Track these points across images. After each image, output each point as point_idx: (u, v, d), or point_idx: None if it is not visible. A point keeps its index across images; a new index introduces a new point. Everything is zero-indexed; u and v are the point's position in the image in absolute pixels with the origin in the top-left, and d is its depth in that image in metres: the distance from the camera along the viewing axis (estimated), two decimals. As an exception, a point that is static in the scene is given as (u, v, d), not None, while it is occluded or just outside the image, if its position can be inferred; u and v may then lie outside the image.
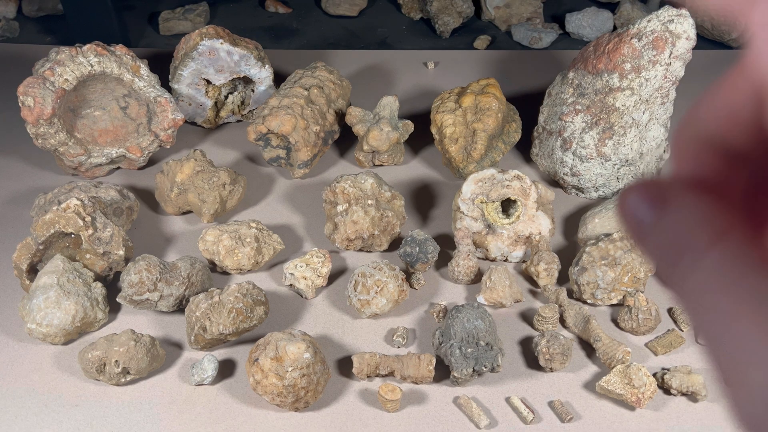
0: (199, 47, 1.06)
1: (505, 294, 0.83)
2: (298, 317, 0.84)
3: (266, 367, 0.70)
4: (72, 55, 0.96)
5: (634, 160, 0.98)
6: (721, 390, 0.17)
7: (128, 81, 1.00)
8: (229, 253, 0.86)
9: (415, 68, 1.33)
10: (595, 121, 0.96)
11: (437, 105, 1.05)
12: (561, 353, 0.75)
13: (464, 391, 0.76)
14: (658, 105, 0.94)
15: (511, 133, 1.06)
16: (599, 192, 1.01)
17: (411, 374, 0.75)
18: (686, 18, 0.88)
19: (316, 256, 0.86)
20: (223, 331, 0.76)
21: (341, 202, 0.91)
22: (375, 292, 0.80)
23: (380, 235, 0.90)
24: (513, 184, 0.87)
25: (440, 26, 1.46)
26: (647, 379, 0.73)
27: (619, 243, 0.84)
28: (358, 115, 1.05)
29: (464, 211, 0.90)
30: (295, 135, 0.99)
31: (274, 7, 1.59)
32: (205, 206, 0.94)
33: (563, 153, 0.99)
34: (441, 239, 0.94)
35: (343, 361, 0.79)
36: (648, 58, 0.89)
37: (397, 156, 1.07)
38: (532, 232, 0.89)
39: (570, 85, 0.98)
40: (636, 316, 0.80)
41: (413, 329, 0.83)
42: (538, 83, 1.26)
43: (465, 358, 0.74)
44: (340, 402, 0.75)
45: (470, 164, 1.01)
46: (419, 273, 0.88)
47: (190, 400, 0.75)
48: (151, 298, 0.80)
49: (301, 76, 1.08)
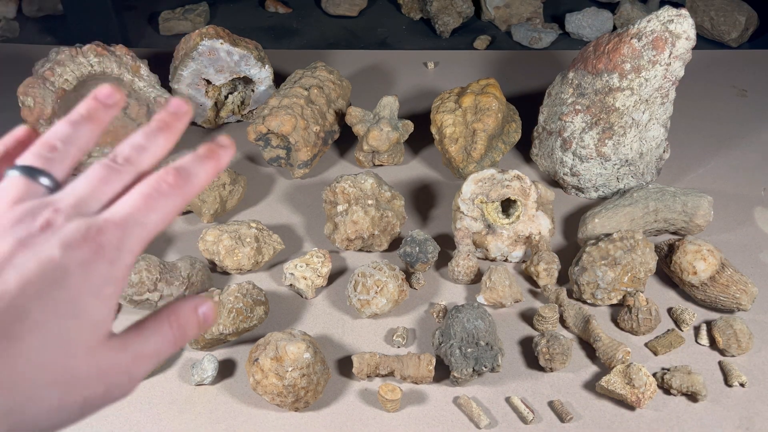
0: (199, 47, 1.06)
1: (505, 294, 0.83)
2: (298, 317, 0.84)
3: (266, 367, 0.70)
4: (72, 55, 0.96)
5: (634, 160, 0.98)
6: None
7: (128, 81, 1.00)
8: (229, 253, 0.86)
9: (415, 68, 1.33)
10: (595, 121, 0.96)
11: (437, 105, 1.05)
12: (561, 353, 0.75)
13: (464, 391, 0.76)
14: (658, 105, 0.94)
15: (511, 133, 1.06)
16: (599, 192, 1.01)
17: (411, 374, 0.75)
18: (686, 18, 0.88)
19: (316, 256, 0.86)
20: (223, 331, 0.76)
21: (341, 202, 0.91)
22: (375, 292, 0.80)
23: (380, 235, 0.90)
24: (513, 184, 0.87)
25: (440, 26, 1.46)
26: (647, 379, 0.73)
27: (619, 243, 0.84)
28: (358, 115, 1.05)
29: (464, 211, 0.90)
30: (295, 135, 0.99)
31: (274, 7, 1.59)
32: (205, 206, 0.94)
33: (563, 153, 0.99)
34: (441, 239, 0.94)
35: (343, 361, 0.79)
36: (648, 58, 0.89)
37: (397, 156, 1.07)
38: (532, 232, 0.89)
39: (570, 85, 0.98)
40: (636, 316, 0.80)
41: (413, 329, 0.83)
42: (538, 83, 1.26)
43: (465, 358, 0.74)
44: (340, 402, 0.75)
45: (470, 164, 1.01)
46: (419, 273, 0.88)
47: (190, 400, 0.75)
48: (151, 298, 0.80)
49: (301, 76, 1.08)
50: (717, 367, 0.78)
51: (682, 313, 0.83)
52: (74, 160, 0.31)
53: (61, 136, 0.31)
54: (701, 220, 0.91)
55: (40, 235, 0.27)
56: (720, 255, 0.84)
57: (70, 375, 0.27)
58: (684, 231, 0.93)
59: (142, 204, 0.29)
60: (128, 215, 0.29)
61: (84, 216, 0.29)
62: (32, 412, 0.26)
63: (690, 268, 0.83)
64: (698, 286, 0.83)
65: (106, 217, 0.29)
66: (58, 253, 0.27)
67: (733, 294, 0.82)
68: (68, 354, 0.27)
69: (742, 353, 0.79)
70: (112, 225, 0.28)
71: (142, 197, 0.29)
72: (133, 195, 0.30)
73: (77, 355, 0.27)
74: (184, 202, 0.31)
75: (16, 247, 0.27)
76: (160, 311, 0.31)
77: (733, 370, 0.77)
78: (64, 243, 0.27)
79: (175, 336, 0.31)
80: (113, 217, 0.29)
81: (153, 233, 0.30)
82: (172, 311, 0.31)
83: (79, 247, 0.27)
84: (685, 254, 0.83)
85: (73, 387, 0.27)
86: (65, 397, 0.27)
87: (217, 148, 0.33)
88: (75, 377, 0.27)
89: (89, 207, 0.29)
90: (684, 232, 0.93)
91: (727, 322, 0.79)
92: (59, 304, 0.27)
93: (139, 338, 0.30)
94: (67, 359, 0.27)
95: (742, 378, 0.76)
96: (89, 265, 0.27)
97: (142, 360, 0.30)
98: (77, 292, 0.27)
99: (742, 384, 0.76)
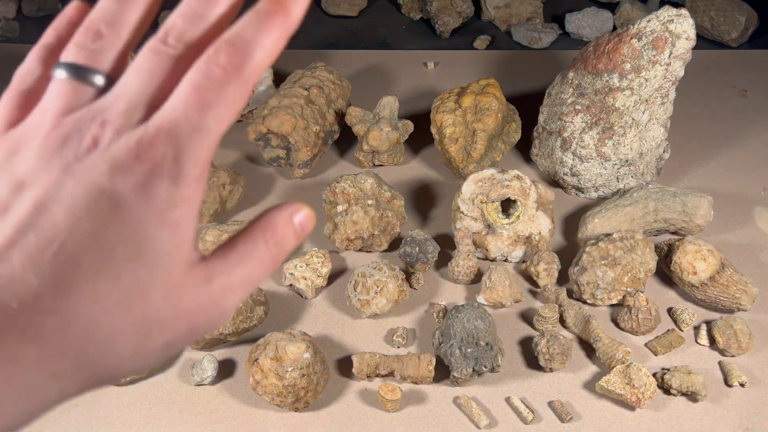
0: (199, 47, 1.05)
1: (505, 294, 0.83)
2: (298, 317, 0.84)
3: (266, 367, 0.70)
4: (72, 55, 0.96)
5: (634, 160, 0.98)
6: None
7: (128, 81, 1.00)
8: (229, 253, 0.86)
9: (415, 68, 1.33)
10: (595, 121, 0.96)
11: (437, 105, 1.05)
12: (561, 353, 0.75)
13: (464, 391, 0.76)
14: (658, 105, 0.94)
15: (511, 133, 1.06)
16: (599, 192, 1.01)
17: (411, 374, 0.75)
18: (686, 18, 0.88)
19: (316, 256, 0.86)
20: (223, 331, 0.76)
21: (341, 202, 0.91)
22: (375, 292, 0.80)
23: (380, 235, 0.90)
24: (513, 184, 0.87)
25: (440, 26, 1.46)
26: (647, 379, 0.73)
27: (619, 243, 0.84)
28: (358, 115, 1.05)
29: (464, 211, 0.90)
30: (295, 135, 0.99)
31: (274, 7, 1.59)
32: (204, 206, 0.94)
33: (563, 153, 0.99)
34: (441, 239, 0.94)
35: (343, 361, 0.79)
36: (648, 58, 0.89)
37: (397, 156, 1.07)
38: (532, 232, 0.89)
39: (570, 85, 0.98)
40: (636, 316, 0.80)
41: (413, 329, 0.83)
42: (538, 83, 1.26)
43: (465, 358, 0.74)
44: (340, 402, 0.75)
45: (470, 164, 1.01)
46: (419, 273, 0.88)
47: (190, 400, 0.75)
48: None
49: (301, 76, 1.08)
50: (717, 367, 0.78)
51: (682, 313, 0.83)
52: (125, 44, 0.26)
53: (105, 16, 0.26)
54: (701, 220, 0.91)
55: (87, 157, 0.23)
56: (720, 255, 0.84)
57: (146, 320, 0.23)
58: (684, 231, 0.93)
59: (194, 100, 0.24)
60: (179, 118, 0.23)
61: (133, 126, 0.24)
62: (107, 362, 0.23)
63: (690, 268, 0.83)
64: (698, 286, 0.83)
65: (156, 125, 0.23)
66: (107, 180, 0.22)
67: (733, 294, 0.82)
68: (139, 298, 0.23)
69: (742, 353, 0.79)
70: (164, 134, 0.23)
71: (193, 91, 0.24)
72: (183, 90, 0.24)
73: (150, 297, 0.23)
74: (246, 88, 0.24)
75: (61, 176, 0.23)
76: (251, 227, 0.26)
77: (733, 370, 0.77)
78: (113, 166, 0.23)
79: (272, 254, 0.26)
80: (163, 123, 0.23)
81: (217, 133, 0.25)
82: (267, 225, 0.26)
83: (131, 169, 0.23)
84: (685, 254, 0.83)
85: (151, 332, 0.23)
86: (143, 343, 0.23)
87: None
88: (152, 321, 0.23)
89: (140, 112, 0.24)
90: (684, 232, 0.93)
91: (727, 322, 0.79)
92: (118, 242, 0.22)
93: (229, 264, 0.25)
94: (140, 303, 0.23)
95: (742, 378, 0.76)
96: (146, 188, 0.23)
97: (234, 289, 0.25)
98: (137, 224, 0.23)
99: (742, 384, 0.76)
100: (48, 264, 0.21)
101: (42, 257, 0.21)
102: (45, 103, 0.25)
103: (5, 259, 0.21)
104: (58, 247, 0.22)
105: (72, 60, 0.25)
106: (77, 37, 0.26)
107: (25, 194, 0.23)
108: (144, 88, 0.24)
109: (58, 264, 0.22)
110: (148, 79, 0.24)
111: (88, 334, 0.22)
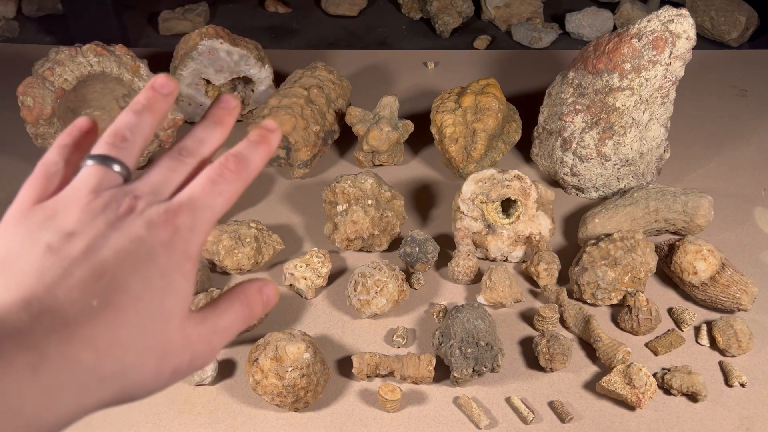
0: (198, 47, 1.06)
1: (505, 294, 0.83)
2: (297, 317, 0.84)
3: (266, 367, 0.70)
4: (71, 55, 0.96)
5: (634, 160, 0.98)
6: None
7: (128, 81, 1.00)
8: (229, 253, 0.86)
9: (415, 68, 1.33)
10: (595, 121, 0.95)
11: (437, 105, 1.05)
12: (561, 353, 0.75)
13: (464, 391, 0.76)
14: (658, 105, 0.94)
15: (511, 133, 1.06)
16: (599, 192, 1.01)
17: (411, 374, 0.75)
18: (686, 18, 0.88)
19: (316, 256, 0.86)
20: (223, 331, 0.76)
21: (341, 202, 0.91)
22: (375, 292, 0.80)
23: (380, 235, 0.90)
24: (513, 184, 0.87)
25: (440, 26, 1.46)
26: (647, 379, 0.73)
27: (620, 243, 0.84)
28: (358, 115, 1.04)
29: (464, 211, 0.90)
30: (295, 135, 0.99)
31: (274, 7, 1.59)
32: (204, 206, 0.94)
33: (563, 153, 0.99)
34: (441, 239, 0.94)
35: (343, 361, 0.79)
36: (648, 58, 0.89)
37: (397, 156, 1.07)
38: (532, 232, 0.89)
39: (570, 85, 0.98)
40: (636, 316, 0.80)
41: (413, 329, 0.83)
42: (538, 83, 1.26)
43: (465, 358, 0.74)
44: (340, 402, 0.75)
45: (470, 164, 1.01)
46: (419, 273, 0.88)
47: (190, 400, 0.75)
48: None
49: (301, 76, 1.08)
50: (717, 367, 0.78)
51: (683, 313, 0.83)
52: (140, 148, 0.34)
53: (129, 125, 0.33)
54: (701, 220, 0.91)
55: (126, 217, 0.30)
56: (720, 255, 0.84)
57: (166, 344, 0.30)
58: (684, 231, 0.93)
59: (209, 189, 0.32)
60: (197, 199, 0.32)
61: (159, 202, 0.32)
62: (134, 377, 0.29)
63: (690, 268, 0.83)
64: (698, 286, 0.83)
65: (179, 201, 0.32)
66: (144, 232, 0.30)
67: (734, 294, 0.82)
68: (164, 324, 0.30)
69: (742, 353, 0.79)
70: (186, 208, 0.31)
71: (209, 182, 0.32)
72: (201, 181, 0.33)
73: (171, 326, 0.30)
74: (244, 186, 0.34)
75: (107, 229, 0.30)
76: (231, 291, 0.34)
77: (733, 370, 0.77)
78: (148, 224, 0.30)
79: (245, 313, 0.34)
80: (185, 201, 0.32)
81: (219, 215, 0.33)
82: (241, 291, 0.34)
83: (161, 228, 0.30)
84: (685, 254, 0.83)
85: (167, 355, 0.30)
86: (161, 365, 0.30)
87: (267, 133, 0.35)
88: (169, 346, 0.30)
89: (162, 193, 0.32)
90: (684, 232, 0.93)
91: (727, 322, 0.79)
92: (153, 278, 0.29)
93: (215, 313, 0.33)
94: (163, 329, 0.30)
95: (743, 378, 0.76)
96: (171, 244, 0.30)
97: (220, 333, 0.33)
98: (166, 267, 0.30)
99: (743, 384, 0.76)
100: (103, 290, 0.28)
101: (98, 285, 0.28)
102: (78, 181, 0.32)
103: (64, 284, 0.28)
104: (110, 278, 0.28)
105: (103, 152, 0.32)
106: (106, 137, 0.33)
107: (76, 240, 0.29)
108: (164, 178, 0.33)
109: (111, 290, 0.28)
110: (167, 173, 0.33)
111: (126, 349, 0.28)
